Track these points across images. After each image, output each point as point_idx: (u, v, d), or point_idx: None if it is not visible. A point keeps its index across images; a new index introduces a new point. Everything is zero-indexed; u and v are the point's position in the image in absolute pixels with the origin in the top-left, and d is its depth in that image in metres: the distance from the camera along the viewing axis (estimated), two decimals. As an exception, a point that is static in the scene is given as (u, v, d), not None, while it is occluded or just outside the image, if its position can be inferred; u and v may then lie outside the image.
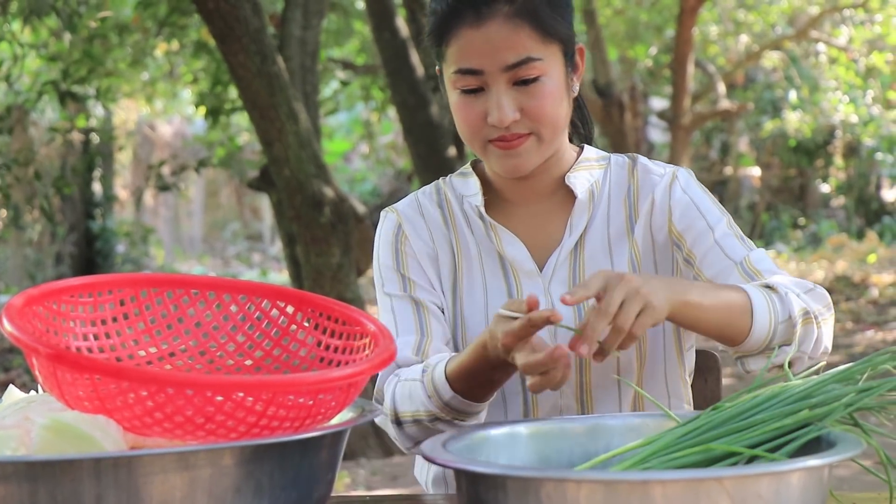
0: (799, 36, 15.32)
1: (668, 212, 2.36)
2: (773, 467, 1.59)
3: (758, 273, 2.27)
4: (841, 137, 20.98)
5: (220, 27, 6.59)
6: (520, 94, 2.24)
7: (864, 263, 16.63)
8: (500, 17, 2.21)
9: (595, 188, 2.40)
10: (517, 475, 1.64)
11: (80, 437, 1.70)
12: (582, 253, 2.37)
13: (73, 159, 15.96)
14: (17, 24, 9.13)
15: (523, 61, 2.22)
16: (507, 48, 2.22)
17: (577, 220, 2.38)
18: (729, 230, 2.34)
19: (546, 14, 2.23)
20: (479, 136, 2.28)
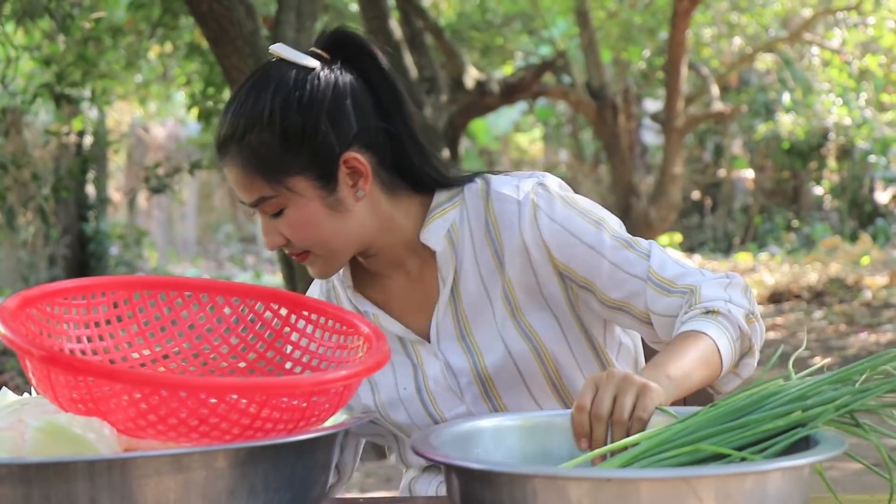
0: (792, 38, 15.33)
1: (543, 247, 2.30)
2: (751, 467, 1.63)
3: (669, 282, 2.26)
4: (834, 140, 21.00)
5: (213, 29, 6.59)
6: (278, 222, 2.26)
7: (858, 266, 16.64)
8: (231, 160, 2.23)
9: (453, 232, 2.34)
10: (511, 472, 1.67)
11: (73, 439, 1.70)
12: (460, 303, 2.35)
13: (66, 162, 15.95)
14: (11, 26, 9.11)
15: (257, 202, 2.24)
16: (241, 189, 2.25)
17: (445, 272, 2.34)
18: (615, 244, 2.30)
19: (275, 155, 2.22)
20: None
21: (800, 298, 14.89)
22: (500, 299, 2.33)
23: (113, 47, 10.91)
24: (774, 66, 18.46)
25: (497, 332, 2.33)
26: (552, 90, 14.50)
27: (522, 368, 2.33)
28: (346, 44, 2.30)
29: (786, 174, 22.71)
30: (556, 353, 2.35)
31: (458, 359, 2.35)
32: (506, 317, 2.33)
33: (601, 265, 2.29)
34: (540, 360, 2.33)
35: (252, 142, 2.21)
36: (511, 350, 2.33)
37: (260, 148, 2.21)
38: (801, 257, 18.35)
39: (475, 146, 24.98)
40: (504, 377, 2.34)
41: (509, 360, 2.33)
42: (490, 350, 2.33)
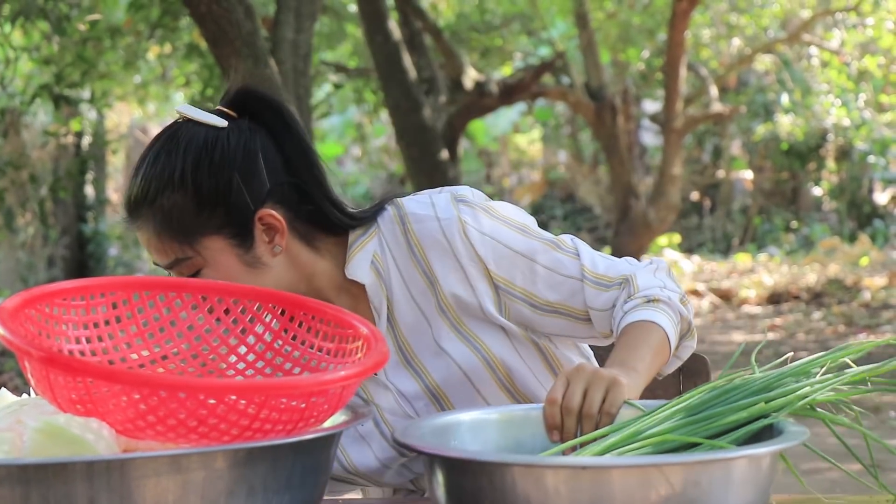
0: (791, 39, 15.34)
1: (479, 262, 2.30)
2: (718, 455, 1.73)
3: (604, 277, 2.30)
4: (833, 141, 21.00)
5: (212, 30, 6.59)
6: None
7: (857, 266, 16.64)
8: (143, 225, 2.23)
9: (377, 262, 2.33)
10: (491, 460, 1.73)
11: (72, 440, 1.69)
12: (399, 330, 2.35)
13: (65, 163, 15.94)
14: (9, 27, 9.12)
15: (173, 263, 2.24)
16: (155, 252, 2.25)
17: (378, 303, 2.34)
18: (544, 247, 2.32)
19: (189, 217, 2.22)
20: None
21: (798, 299, 14.90)
22: (438, 316, 2.33)
23: (112, 48, 10.92)
24: (773, 67, 18.47)
25: (439, 348, 2.33)
26: (551, 91, 14.51)
27: (473, 377, 2.34)
28: (253, 101, 2.32)
29: (785, 175, 22.71)
30: (505, 360, 2.35)
31: (408, 383, 2.36)
32: (446, 330, 2.33)
33: (536, 271, 2.31)
34: (489, 367, 2.33)
35: (164, 204, 2.20)
36: (458, 361, 2.33)
37: (173, 210, 2.21)
38: (799, 258, 18.36)
39: (474, 147, 24.98)
40: (456, 388, 2.34)
41: (458, 371, 2.33)
42: (436, 367, 2.34)
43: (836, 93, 16.58)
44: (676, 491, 1.66)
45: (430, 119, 9.79)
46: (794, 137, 19.41)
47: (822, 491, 1.99)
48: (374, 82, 13.48)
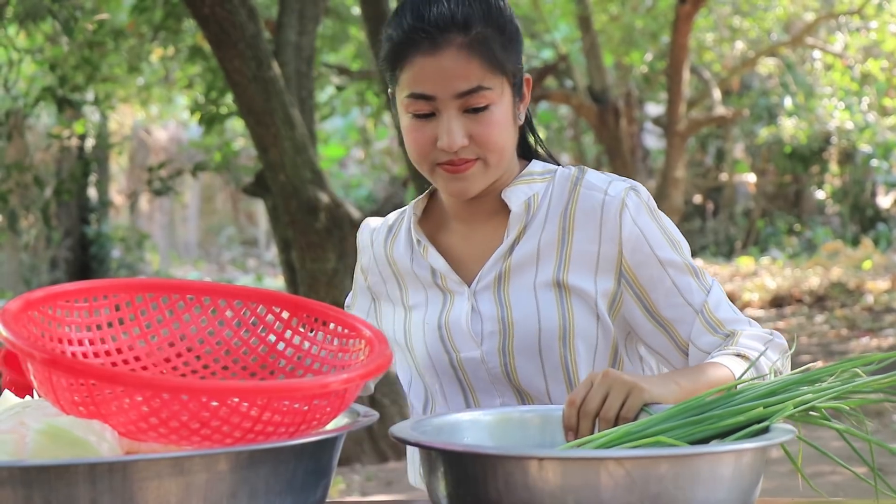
0: (794, 42, 15.33)
1: (618, 244, 2.37)
2: (703, 449, 1.78)
3: (719, 324, 2.34)
4: (836, 144, 21.00)
5: (215, 32, 6.59)
6: (469, 121, 2.31)
7: (860, 270, 16.64)
8: (453, 48, 2.30)
9: (533, 201, 2.44)
10: (497, 454, 1.75)
11: (75, 442, 1.70)
12: (509, 263, 2.42)
13: (68, 165, 15.96)
14: (13, 28, 9.12)
15: (474, 90, 2.30)
16: (458, 77, 2.29)
17: (511, 231, 2.43)
18: (684, 266, 2.38)
19: (497, 47, 2.32)
20: (427, 159, 2.36)
21: (801, 303, 14.90)
22: (551, 270, 2.39)
23: (115, 50, 10.92)
24: (776, 70, 18.47)
25: (533, 295, 2.39)
26: (554, 94, 14.50)
27: (544, 339, 2.38)
28: None
29: (788, 178, 22.71)
30: (580, 338, 2.39)
31: (488, 306, 2.42)
32: (549, 286, 2.39)
33: (664, 281, 2.37)
34: (563, 338, 2.37)
35: (478, 31, 2.31)
36: (541, 315, 2.38)
37: (487, 40, 2.31)
38: (802, 261, 18.36)
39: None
40: (524, 340, 2.39)
41: (535, 324, 2.38)
42: (520, 307, 2.39)
43: (839, 96, 16.58)
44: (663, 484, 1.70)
45: (433, 122, 9.79)
46: (797, 141, 19.40)
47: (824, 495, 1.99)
48: (376, 85, 13.47)
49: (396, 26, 2.35)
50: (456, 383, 2.46)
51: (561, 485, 1.69)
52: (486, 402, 2.44)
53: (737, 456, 1.75)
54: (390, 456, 7.95)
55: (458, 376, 2.45)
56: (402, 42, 2.32)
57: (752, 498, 1.79)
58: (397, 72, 2.35)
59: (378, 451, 7.97)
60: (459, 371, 2.45)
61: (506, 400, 2.43)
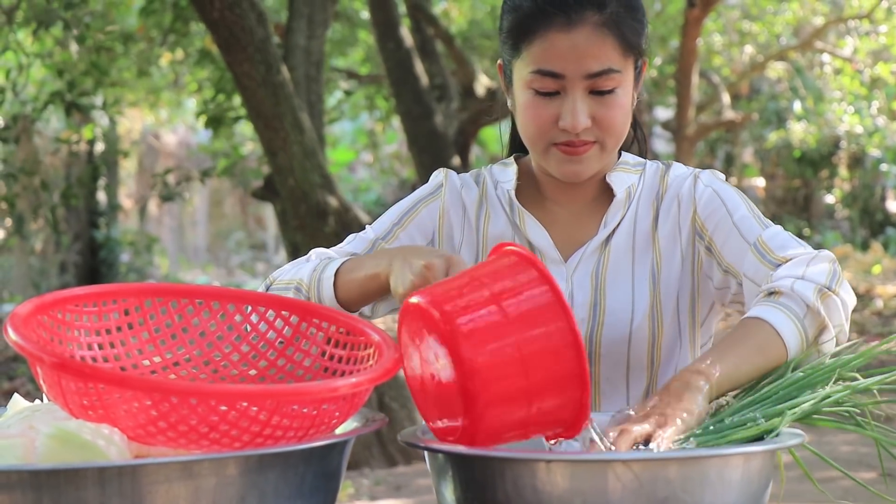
0: (804, 47, 15.31)
1: (692, 204, 2.37)
2: (711, 452, 1.79)
3: (769, 251, 2.25)
4: (846, 148, 20.97)
5: (224, 36, 6.59)
6: (594, 102, 2.27)
7: (869, 274, 16.61)
8: (588, 25, 2.25)
9: (631, 190, 2.42)
10: (511, 457, 1.76)
11: (84, 446, 1.70)
12: (608, 250, 2.40)
13: (77, 169, 15.97)
14: (23, 33, 9.14)
15: (605, 71, 2.26)
16: (591, 56, 2.25)
17: (612, 217, 2.40)
18: (748, 213, 2.34)
19: (629, 27, 2.28)
20: (545, 137, 2.31)
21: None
22: (649, 264, 2.38)
23: (124, 54, 10.93)
24: (786, 74, 18.43)
25: (630, 286, 2.37)
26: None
27: (635, 331, 2.35)
28: None
29: (797, 182, 22.67)
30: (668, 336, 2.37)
31: (583, 291, 2.38)
32: (646, 279, 2.37)
33: (726, 225, 2.33)
34: (652, 332, 2.35)
35: (613, 10, 2.26)
36: (635, 306, 2.36)
37: (619, 20, 2.27)
38: (811, 266, 18.30)
39: (486, 154, 24.98)
40: (615, 329, 2.36)
41: (628, 315, 2.35)
42: (616, 296, 2.36)
43: (848, 100, 16.55)
44: (671, 487, 1.70)
45: (441, 126, 9.79)
46: (806, 145, 19.37)
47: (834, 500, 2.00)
48: (385, 89, 13.48)
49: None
50: None
51: (569, 487, 1.69)
52: None
53: (745, 459, 1.75)
54: (399, 460, 7.95)
55: None
56: (533, 14, 2.27)
57: (761, 502, 1.79)
58: (522, 45, 2.29)
59: (387, 455, 7.97)
60: None
61: None
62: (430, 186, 2.50)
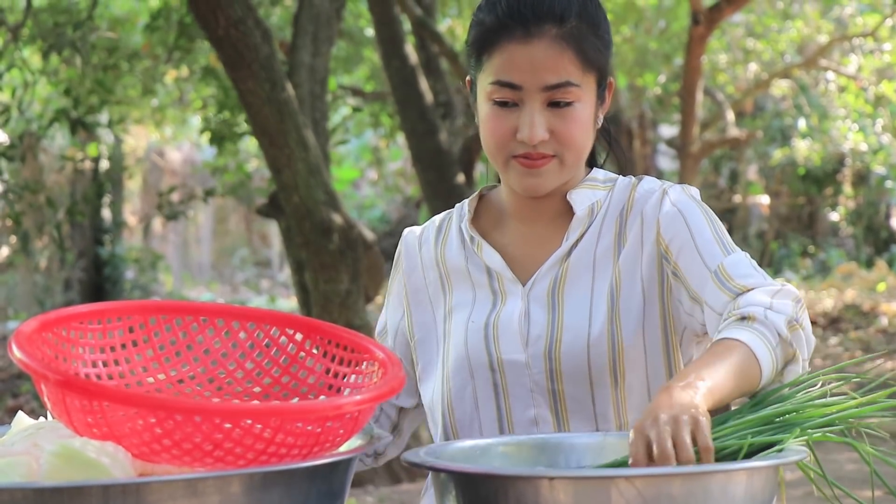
0: (808, 64, 15.33)
1: (656, 225, 2.34)
2: (718, 467, 1.79)
3: (729, 278, 2.23)
4: (850, 166, 20.97)
5: (229, 54, 6.61)
6: (552, 115, 2.28)
7: (874, 292, 16.60)
8: (547, 38, 2.27)
9: (595, 207, 2.40)
10: (513, 475, 1.77)
11: (88, 463, 1.69)
12: (566, 265, 2.38)
13: (82, 186, 15.99)
14: (28, 50, 9.16)
15: (562, 84, 2.27)
16: (548, 69, 2.26)
17: (572, 234, 2.39)
18: (712, 236, 2.31)
19: (590, 43, 2.30)
20: (504, 150, 2.32)
21: (815, 325, 14.86)
22: (608, 281, 2.35)
23: (129, 72, 10.96)
24: (790, 91, 18.45)
25: (588, 302, 2.35)
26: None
27: (593, 346, 2.32)
28: None
29: (801, 200, 22.68)
30: (631, 350, 2.33)
31: (541, 309, 2.37)
32: (604, 296, 2.34)
33: (689, 250, 2.30)
34: (612, 348, 2.32)
35: (573, 25, 2.28)
36: (592, 322, 2.33)
37: (580, 35, 2.29)
38: (816, 283, 18.32)
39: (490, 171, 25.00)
40: (573, 345, 2.33)
41: (585, 331, 2.33)
42: (573, 312, 2.34)
43: (853, 118, 16.56)
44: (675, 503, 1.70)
45: (446, 143, 9.79)
46: (811, 162, 19.37)
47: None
48: (390, 106, 13.49)
49: (489, 10, 2.32)
50: (490, 388, 2.38)
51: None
52: (519, 412, 2.37)
53: (749, 474, 1.75)
54: (403, 478, 7.94)
55: (494, 380, 2.37)
56: (493, 27, 2.30)
57: None
58: (484, 57, 2.32)
59: (391, 473, 7.96)
60: (498, 374, 2.37)
61: (539, 412, 2.35)
62: (394, 261, 2.58)
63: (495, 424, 2.39)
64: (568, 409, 2.36)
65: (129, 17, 12.61)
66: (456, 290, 2.47)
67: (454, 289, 2.47)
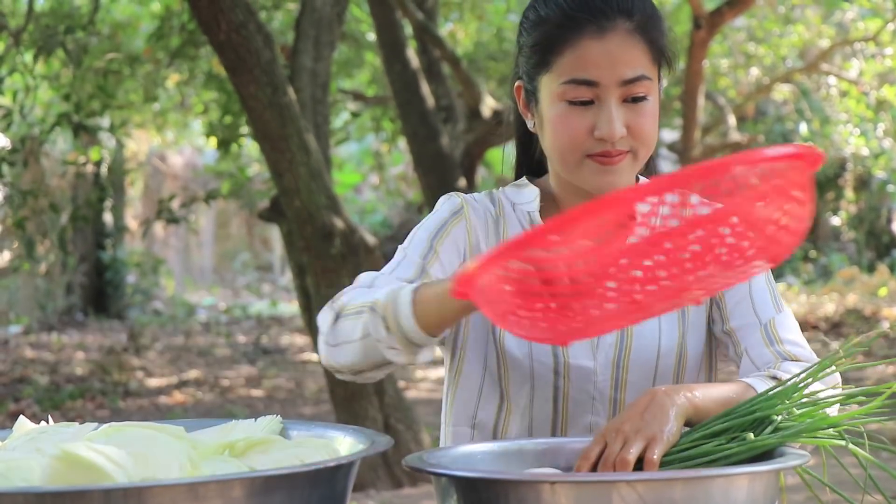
0: (810, 69, 15.32)
1: None
2: (718, 472, 1.80)
3: (778, 340, 2.26)
4: (852, 170, 20.96)
5: (231, 58, 6.61)
6: (628, 110, 2.24)
7: (875, 297, 16.59)
8: (621, 32, 2.23)
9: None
10: (513, 479, 1.79)
11: (90, 468, 1.69)
12: None
13: (84, 190, 15.99)
14: (29, 55, 9.16)
15: (638, 78, 2.24)
16: (625, 63, 2.22)
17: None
18: (766, 285, 2.33)
19: (657, 34, 2.27)
20: (579, 149, 2.26)
21: (817, 329, 14.85)
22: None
23: (131, 76, 10.96)
24: (792, 96, 18.44)
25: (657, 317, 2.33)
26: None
27: (662, 355, 2.33)
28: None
29: (803, 204, 22.64)
30: (692, 358, 2.36)
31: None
32: (673, 312, 2.35)
33: (741, 291, 2.31)
34: (679, 356, 2.34)
35: (640, 17, 2.25)
36: (662, 330, 2.34)
37: (648, 26, 2.25)
38: (818, 288, 18.31)
39: (491, 175, 25.01)
40: (642, 353, 2.34)
41: (655, 339, 2.33)
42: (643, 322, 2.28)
43: (854, 122, 16.55)
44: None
45: (447, 147, 9.80)
46: (812, 167, 19.35)
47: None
48: (392, 110, 13.49)
49: (552, 7, 2.26)
50: (550, 390, 2.34)
51: (574, 509, 1.69)
52: (577, 418, 2.35)
53: (750, 479, 1.74)
54: (405, 482, 7.94)
55: (556, 384, 2.33)
56: (562, 24, 2.24)
57: None
58: (552, 56, 2.26)
59: (393, 477, 7.96)
60: (561, 378, 2.33)
61: (596, 419, 2.34)
62: (449, 207, 2.41)
63: (548, 425, 2.36)
64: None
65: (131, 22, 12.62)
66: None
67: None
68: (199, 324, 18.64)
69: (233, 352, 15.32)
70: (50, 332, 16.68)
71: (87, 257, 18.47)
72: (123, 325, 17.81)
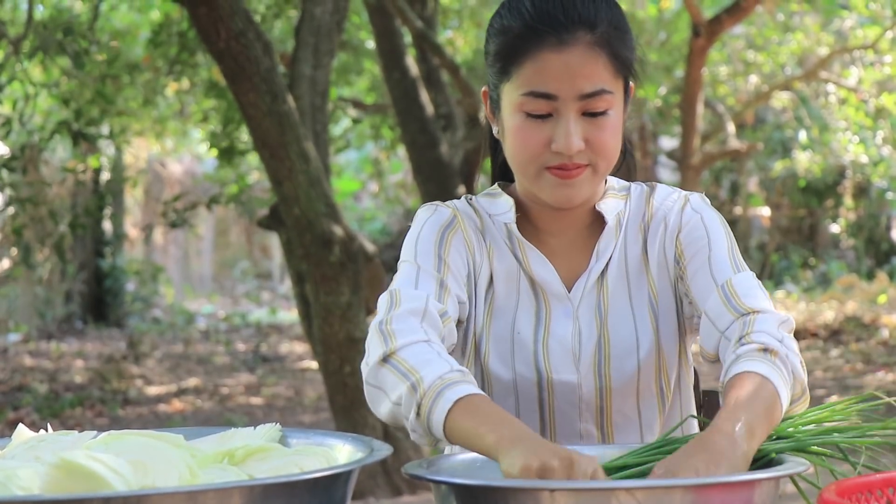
0: (809, 76, 15.32)
1: (677, 230, 2.36)
2: (718, 479, 1.78)
3: (735, 295, 2.22)
4: (851, 178, 20.96)
5: (230, 66, 6.61)
6: (587, 124, 2.22)
7: (875, 304, 16.58)
8: (582, 44, 2.20)
9: (620, 217, 2.39)
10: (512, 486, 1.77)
11: (89, 476, 1.69)
12: (606, 282, 2.37)
13: (83, 198, 15.99)
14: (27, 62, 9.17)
15: (598, 92, 2.21)
16: (584, 77, 2.20)
17: (605, 246, 2.37)
18: (726, 252, 2.31)
19: (620, 48, 2.24)
20: (537, 161, 2.25)
21: (816, 337, 14.84)
22: (646, 290, 2.36)
23: (130, 84, 10.96)
24: (791, 104, 18.45)
25: (631, 315, 2.34)
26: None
27: (642, 360, 2.33)
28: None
29: (802, 212, 22.66)
30: (669, 358, 2.37)
31: (589, 329, 2.35)
32: (645, 306, 2.35)
33: (701, 258, 2.31)
34: (657, 358, 2.34)
35: (604, 30, 2.22)
36: (639, 336, 2.34)
37: (611, 39, 2.22)
38: (817, 295, 18.30)
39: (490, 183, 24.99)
40: (623, 361, 2.34)
41: (633, 345, 2.33)
42: (619, 327, 2.33)
43: (853, 130, 16.54)
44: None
45: (446, 155, 9.80)
46: (811, 174, 19.34)
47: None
48: (391, 118, 13.50)
49: (514, 16, 2.24)
50: (535, 403, 2.35)
51: (573, 516, 1.69)
52: (565, 426, 2.35)
53: (749, 487, 1.74)
54: (404, 490, 7.93)
55: (541, 397, 2.34)
56: (523, 35, 2.21)
57: None
58: (512, 67, 2.24)
59: (392, 485, 7.95)
60: (546, 392, 2.34)
61: (585, 426, 2.35)
62: (439, 218, 2.39)
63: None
64: (614, 423, 2.36)
65: (131, 30, 12.63)
66: (500, 287, 2.39)
67: (497, 284, 2.39)
68: (199, 332, 18.64)
69: (232, 360, 15.31)
70: (49, 340, 16.68)
71: (87, 265, 18.47)
72: (122, 333, 17.81)
